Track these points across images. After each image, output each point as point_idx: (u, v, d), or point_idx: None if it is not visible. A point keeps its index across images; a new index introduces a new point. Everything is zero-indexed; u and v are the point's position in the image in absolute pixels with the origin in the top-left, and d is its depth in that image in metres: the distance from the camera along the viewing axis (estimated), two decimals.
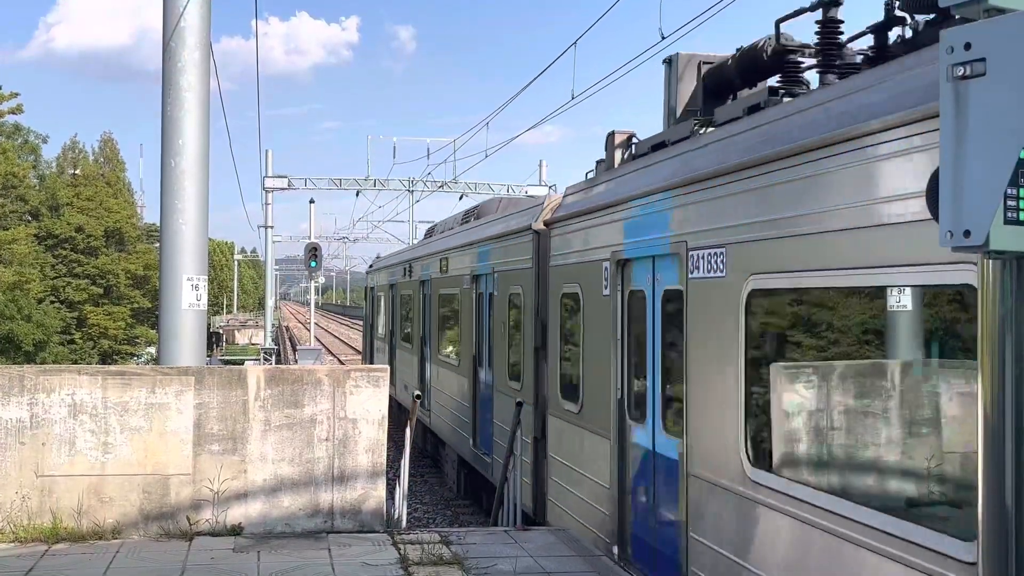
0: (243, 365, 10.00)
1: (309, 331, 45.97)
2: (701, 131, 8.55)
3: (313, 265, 36.34)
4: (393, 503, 10.86)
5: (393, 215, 70.45)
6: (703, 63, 9.30)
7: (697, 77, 9.36)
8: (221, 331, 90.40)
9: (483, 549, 8.79)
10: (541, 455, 11.66)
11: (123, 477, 8.94)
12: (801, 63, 8.10)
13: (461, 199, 44.34)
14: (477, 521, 15.71)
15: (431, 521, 16.91)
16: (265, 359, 36.59)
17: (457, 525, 15.72)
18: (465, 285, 15.68)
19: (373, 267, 30.80)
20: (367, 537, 9.04)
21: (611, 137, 10.68)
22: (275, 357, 38.91)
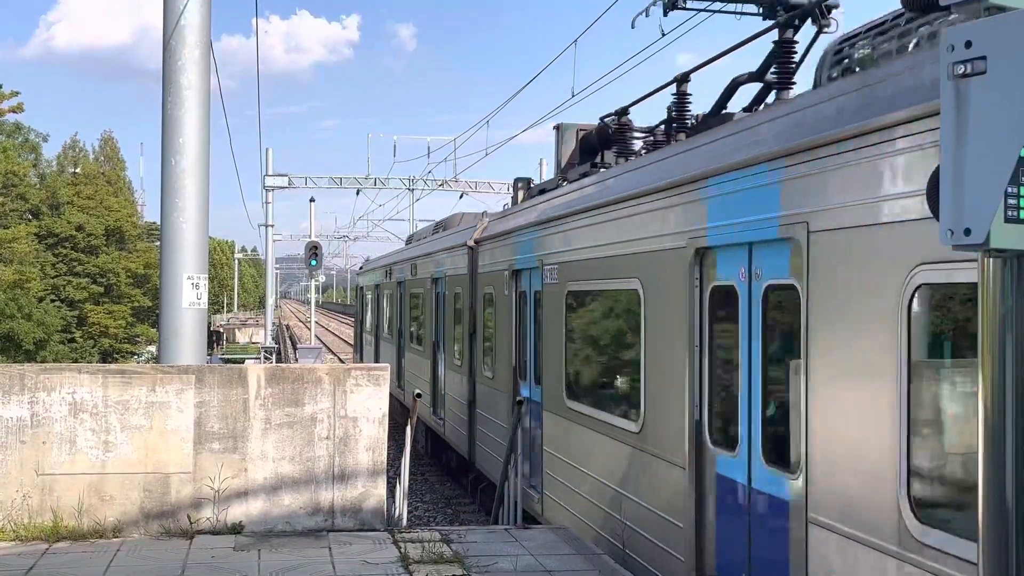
0: (243, 364, 10.00)
1: (310, 330, 45.96)
2: (562, 183, 12.39)
3: (313, 264, 36.32)
4: (394, 502, 10.87)
5: (394, 213, 70.46)
6: (579, 130, 12.88)
7: (575, 140, 12.86)
8: (222, 330, 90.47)
9: (483, 547, 8.80)
10: (472, 416, 15.62)
11: (124, 476, 8.95)
12: (628, 140, 11.74)
13: (461, 197, 44.36)
14: (478, 520, 15.73)
15: (432, 520, 16.93)
16: (265, 358, 36.58)
17: (458, 524, 15.74)
18: (428, 286, 19.46)
19: (362, 269, 34.87)
20: (368, 535, 9.05)
21: (516, 181, 15.36)
22: (275, 356, 38.89)
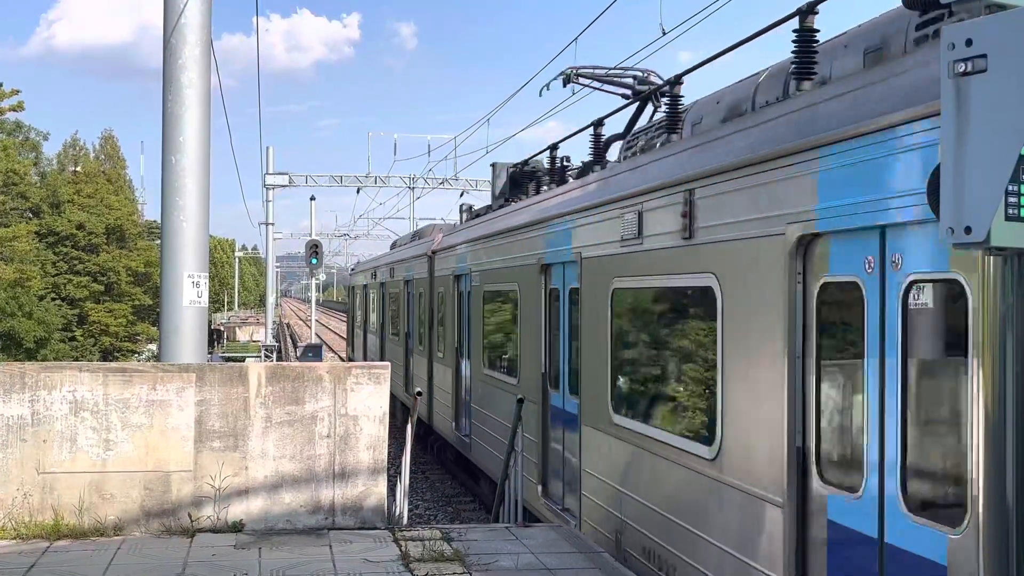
0: (244, 362, 10.00)
1: (310, 328, 45.92)
2: (491, 211, 16.18)
3: (314, 262, 36.32)
4: (394, 500, 10.86)
5: (394, 212, 70.36)
6: (509, 168, 16.42)
7: (507, 176, 16.36)
8: (222, 328, 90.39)
9: (484, 546, 8.80)
10: (431, 378, 19.45)
11: (124, 474, 8.95)
12: (539, 179, 14.99)
13: (462, 196, 44.28)
14: (479, 518, 15.73)
15: (432, 518, 16.94)
16: (266, 356, 36.58)
17: (458, 522, 15.75)
18: (401, 286, 23.69)
19: (353, 271, 39.56)
20: (368, 534, 9.05)
21: (461, 206, 20.16)
22: (276, 354, 38.88)
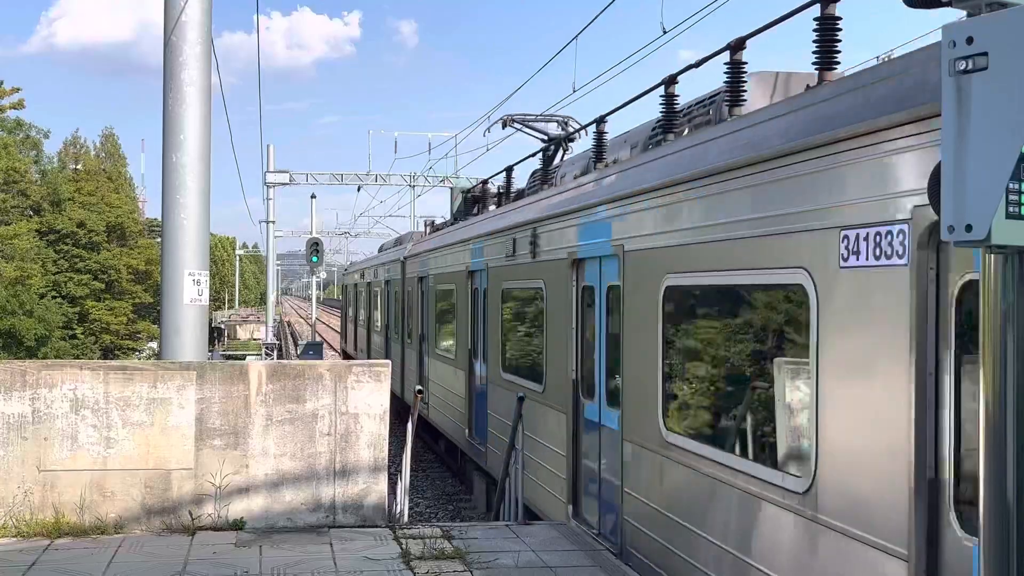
0: (245, 360, 10.00)
1: (311, 326, 45.92)
2: (447, 227, 19.91)
3: (315, 260, 36.32)
4: (395, 498, 10.87)
5: (395, 210, 70.30)
6: (464, 191, 20.58)
7: (463, 197, 20.13)
8: (223, 326, 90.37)
9: (485, 543, 8.81)
10: (399, 354, 23.75)
11: (125, 472, 8.96)
12: (484, 201, 18.15)
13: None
14: (479, 516, 15.73)
15: (433, 516, 16.94)
16: (267, 354, 36.61)
17: (459, 520, 15.75)
18: (383, 286, 27.55)
19: (347, 271, 45.05)
20: (369, 532, 9.06)
21: (425, 222, 24.96)
22: (276, 352, 38.91)
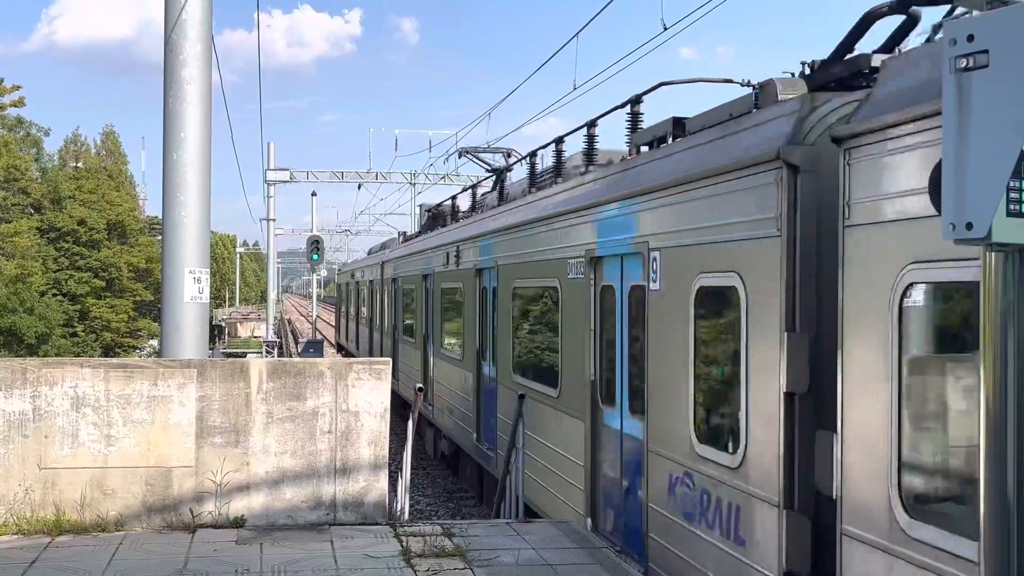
0: (245, 358, 10.00)
1: (312, 324, 45.91)
2: (416, 238, 23.91)
3: (315, 258, 36.34)
4: (395, 495, 10.87)
5: (395, 208, 70.52)
6: (429, 210, 24.07)
7: (428, 213, 23.83)
8: (223, 324, 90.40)
9: (485, 541, 8.82)
10: (378, 342, 27.94)
11: (126, 469, 8.96)
12: (441, 219, 21.22)
13: (463, 191, 44.28)
14: (480, 513, 15.74)
15: (433, 513, 16.95)
16: (267, 352, 36.62)
17: (459, 517, 15.76)
18: (368, 285, 31.23)
19: (340, 271, 50.50)
20: (369, 529, 9.06)
21: (399, 232, 31.02)
22: (277, 350, 38.94)
